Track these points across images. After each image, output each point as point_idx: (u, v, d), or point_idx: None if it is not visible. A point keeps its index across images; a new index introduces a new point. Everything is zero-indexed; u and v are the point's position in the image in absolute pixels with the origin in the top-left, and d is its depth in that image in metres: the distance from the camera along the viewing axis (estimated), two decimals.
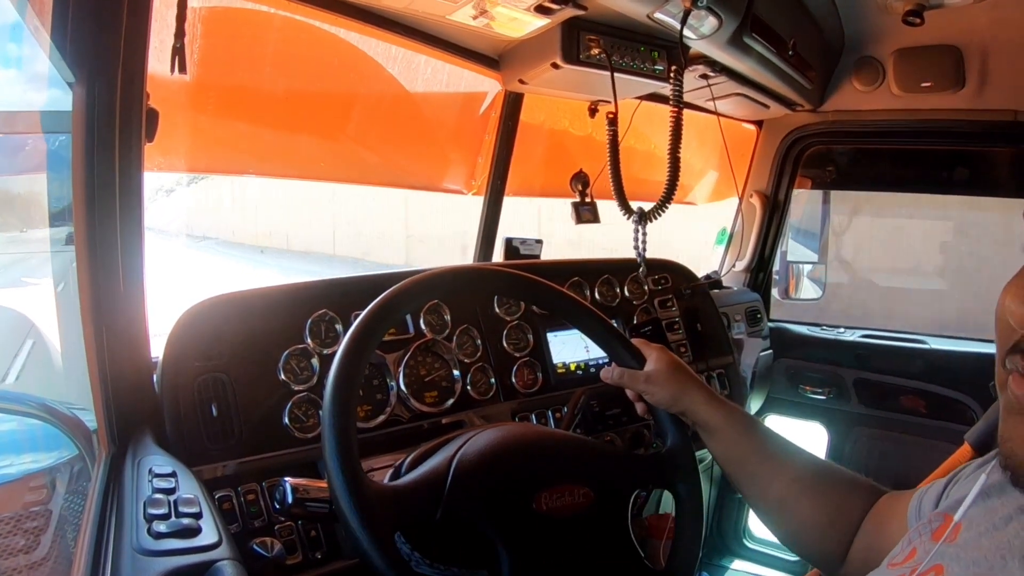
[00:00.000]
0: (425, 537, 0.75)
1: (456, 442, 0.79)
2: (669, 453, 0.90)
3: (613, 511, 0.83)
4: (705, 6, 1.04)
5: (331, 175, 1.54)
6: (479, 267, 1.40)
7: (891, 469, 1.92)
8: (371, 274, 1.19)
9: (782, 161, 2.02)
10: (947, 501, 0.65)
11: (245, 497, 0.90)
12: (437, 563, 0.76)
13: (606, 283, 1.44)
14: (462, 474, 0.74)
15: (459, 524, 0.73)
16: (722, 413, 0.89)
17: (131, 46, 0.77)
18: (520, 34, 1.22)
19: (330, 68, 1.31)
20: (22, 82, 1.03)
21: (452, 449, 0.78)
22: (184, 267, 4.62)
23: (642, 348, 0.93)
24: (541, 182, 1.81)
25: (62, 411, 0.87)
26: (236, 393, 0.96)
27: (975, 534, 0.55)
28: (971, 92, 1.62)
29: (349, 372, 0.72)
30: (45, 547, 0.83)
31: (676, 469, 0.89)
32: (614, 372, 0.90)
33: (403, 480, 0.73)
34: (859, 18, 1.59)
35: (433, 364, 1.15)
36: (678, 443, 0.90)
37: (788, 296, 2.16)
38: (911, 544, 0.61)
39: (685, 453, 0.90)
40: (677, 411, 0.90)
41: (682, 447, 0.90)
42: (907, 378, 1.89)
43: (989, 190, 2.04)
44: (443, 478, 0.73)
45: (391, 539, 0.69)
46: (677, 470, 0.89)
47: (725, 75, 1.47)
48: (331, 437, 0.68)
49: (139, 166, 0.82)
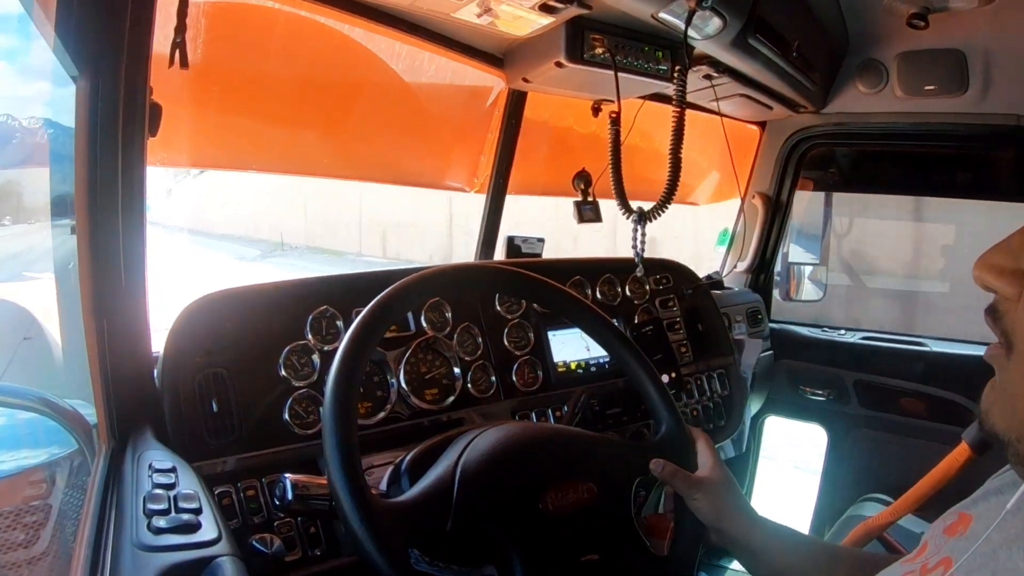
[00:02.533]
0: (434, 544, 0.75)
1: (456, 447, 0.79)
2: (665, 439, 0.91)
3: (617, 502, 0.84)
4: (710, 7, 1.04)
5: (333, 171, 1.54)
6: (480, 266, 1.40)
7: (890, 470, 1.92)
8: (373, 271, 1.19)
9: (784, 162, 2.01)
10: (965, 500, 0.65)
11: (245, 493, 0.90)
12: (446, 564, 0.76)
13: (607, 282, 1.44)
14: (468, 482, 0.74)
15: (470, 532, 0.73)
16: (760, 538, 0.88)
17: (135, 40, 0.77)
18: (524, 32, 1.22)
19: (334, 64, 1.31)
20: (25, 75, 1.04)
21: (454, 456, 0.77)
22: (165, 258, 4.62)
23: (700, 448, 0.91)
24: (544, 180, 1.80)
25: (62, 405, 0.87)
26: (236, 389, 0.96)
27: (984, 526, 0.55)
28: (974, 96, 1.62)
29: (350, 369, 0.72)
30: (45, 542, 0.83)
31: (672, 453, 0.90)
32: (666, 469, 0.87)
33: (411, 495, 0.72)
34: (863, 21, 1.59)
35: (434, 361, 1.15)
36: (673, 429, 0.91)
37: (789, 297, 2.16)
38: (923, 541, 0.61)
39: (680, 438, 0.91)
40: (716, 528, 0.88)
41: (677, 433, 0.91)
42: (907, 380, 1.89)
43: (991, 194, 2.04)
44: (450, 488, 0.73)
45: (406, 556, 0.69)
46: (673, 454, 0.90)
47: (728, 76, 1.47)
48: (332, 439, 0.68)
49: (142, 161, 0.82)
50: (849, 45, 1.70)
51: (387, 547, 0.65)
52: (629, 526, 0.84)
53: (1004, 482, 0.58)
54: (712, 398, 1.51)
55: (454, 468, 0.75)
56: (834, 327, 2.07)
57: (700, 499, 0.87)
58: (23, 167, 1.32)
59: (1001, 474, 0.61)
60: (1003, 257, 0.51)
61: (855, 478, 1.97)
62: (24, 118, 1.11)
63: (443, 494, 0.72)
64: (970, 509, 0.59)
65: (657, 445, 0.91)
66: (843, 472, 2.01)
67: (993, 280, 0.51)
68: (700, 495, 0.87)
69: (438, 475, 0.74)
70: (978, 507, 0.58)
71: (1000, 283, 0.51)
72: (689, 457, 0.91)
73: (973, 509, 0.59)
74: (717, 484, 0.88)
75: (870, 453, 1.97)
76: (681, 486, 0.88)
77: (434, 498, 0.72)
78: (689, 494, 0.88)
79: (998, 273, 0.51)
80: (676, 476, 0.87)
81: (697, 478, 0.88)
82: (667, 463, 0.87)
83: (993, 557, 0.51)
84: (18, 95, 1.08)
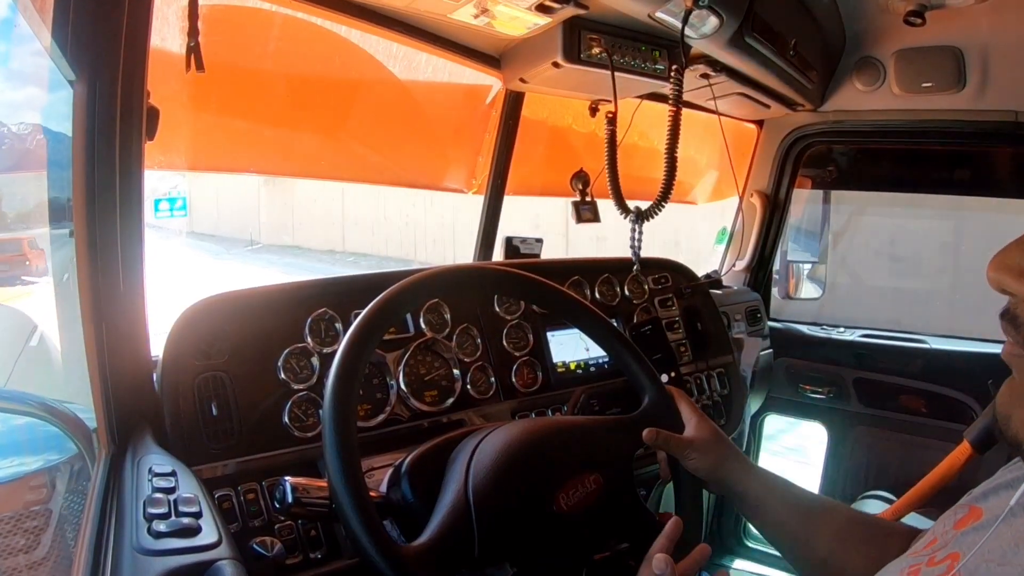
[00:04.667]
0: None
1: (460, 464, 0.78)
2: (651, 407, 0.94)
3: (622, 484, 0.86)
4: (706, 5, 1.04)
5: (331, 173, 1.54)
6: (478, 267, 1.40)
7: (891, 468, 1.93)
8: (371, 273, 1.19)
9: (782, 161, 2.02)
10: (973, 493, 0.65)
11: (245, 496, 0.90)
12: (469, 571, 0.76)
13: (606, 282, 1.44)
14: (483, 505, 0.73)
15: (496, 551, 0.73)
16: (759, 482, 0.90)
17: (132, 44, 0.77)
18: (521, 33, 1.22)
19: (331, 66, 1.31)
20: (22, 79, 1.03)
21: (460, 479, 0.76)
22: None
23: (682, 408, 0.94)
24: (543, 181, 1.80)
25: (62, 410, 0.86)
26: (236, 392, 0.96)
27: (992, 521, 0.54)
28: (972, 93, 1.62)
29: (349, 371, 0.72)
30: (45, 547, 0.83)
31: (660, 420, 0.92)
32: (658, 436, 0.90)
33: (431, 534, 0.71)
34: (860, 18, 1.59)
35: (433, 363, 1.15)
36: (656, 399, 0.94)
37: (788, 295, 2.16)
38: (933, 534, 0.61)
39: (665, 404, 0.94)
40: (714, 479, 0.91)
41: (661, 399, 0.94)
42: (907, 377, 1.90)
43: (989, 191, 2.04)
44: (467, 514, 0.73)
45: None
46: (661, 420, 0.92)
47: (726, 74, 1.47)
48: (332, 441, 0.68)
49: (139, 164, 0.81)
50: (846, 43, 1.70)
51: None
52: (638, 503, 0.86)
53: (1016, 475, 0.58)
54: (712, 397, 1.51)
55: (465, 492, 0.74)
56: (833, 325, 2.07)
57: (696, 457, 0.90)
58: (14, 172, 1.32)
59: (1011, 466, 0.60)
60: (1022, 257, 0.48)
61: (856, 476, 1.97)
62: (14, 123, 1.11)
63: (463, 523, 0.72)
64: (980, 503, 0.59)
65: (644, 415, 0.93)
66: (844, 470, 2.01)
67: (1013, 282, 0.48)
68: (695, 453, 0.90)
69: (451, 503, 0.73)
70: (988, 501, 0.58)
71: (1019, 285, 0.48)
72: (677, 420, 0.93)
73: (983, 503, 0.58)
74: (707, 439, 0.91)
75: (870, 451, 1.97)
76: (675, 449, 0.91)
77: (456, 530, 0.72)
78: (684, 455, 0.90)
79: (1018, 275, 0.48)
80: (669, 441, 0.90)
81: (688, 438, 0.91)
82: (659, 431, 0.90)
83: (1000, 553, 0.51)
84: (11, 100, 1.08)
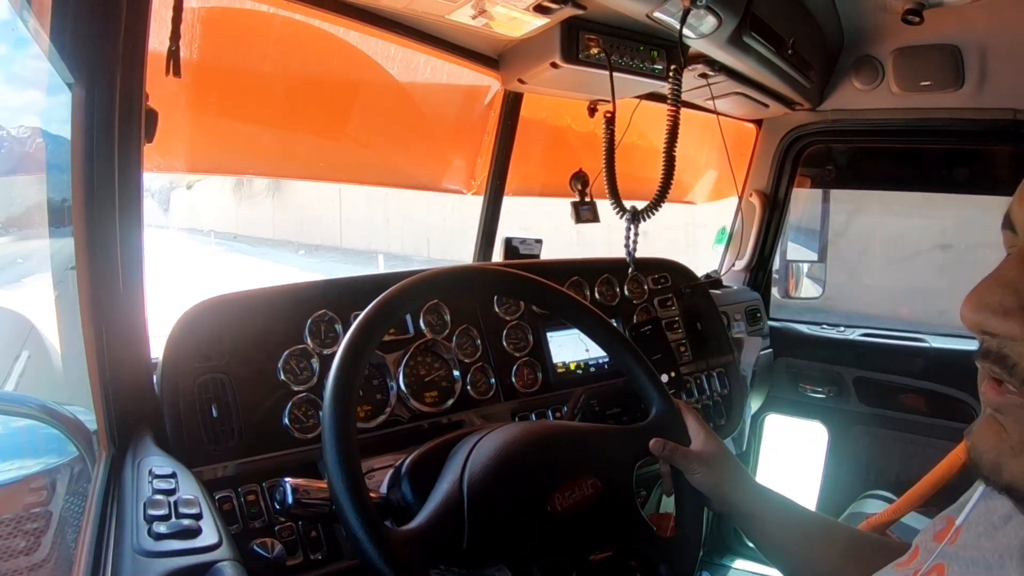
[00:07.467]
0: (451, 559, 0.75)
1: (457, 458, 0.78)
2: (658, 419, 0.93)
3: (621, 491, 0.85)
4: (704, 5, 1.04)
5: (330, 175, 1.54)
6: (478, 267, 1.40)
7: (891, 467, 1.93)
8: (371, 274, 1.19)
9: (782, 160, 2.02)
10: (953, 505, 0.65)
11: (245, 498, 0.90)
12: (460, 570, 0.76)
13: (606, 283, 1.44)
14: (477, 497, 0.74)
15: (486, 545, 0.73)
16: (761, 500, 0.90)
17: (130, 47, 0.77)
18: (519, 34, 1.22)
19: (330, 68, 1.31)
20: (21, 83, 1.03)
21: (457, 470, 0.76)
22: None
23: (689, 422, 0.94)
24: (542, 181, 1.80)
25: (62, 412, 0.86)
26: (236, 394, 0.96)
27: (975, 535, 0.55)
28: (970, 91, 1.62)
29: (349, 373, 0.72)
30: (46, 549, 0.83)
31: (666, 431, 0.91)
32: (665, 447, 0.90)
33: (423, 519, 0.71)
34: (858, 17, 1.59)
35: (433, 364, 1.15)
36: (664, 411, 0.93)
37: (788, 295, 2.16)
38: (915, 546, 0.61)
39: (672, 416, 0.93)
40: (718, 496, 0.90)
41: (669, 411, 0.93)
42: (907, 376, 1.90)
43: (988, 189, 2.04)
44: (459, 505, 0.73)
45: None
46: (668, 432, 0.91)
47: (724, 74, 1.47)
48: (332, 443, 0.68)
49: (138, 167, 0.82)
50: (844, 42, 1.70)
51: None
52: (635, 512, 0.85)
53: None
54: (712, 397, 1.51)
55: (460, 484, 0.74)
56: (833, 324, 2.07)
57: (701, 471, 0.89)
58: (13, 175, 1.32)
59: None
60: (1004, 294, 0.44)
61: (856, 475, 1.97)
62: (13, 127, 1.11)
63: (455, 514, 0.72)
64: (958, 515, 0.59)
65: (651, 426, 0.92)
66: (844, 469, 2.01)
67: (998, 323, 0.44)
68: (700, 467, 0.89)
69: (445, 493, 0.74)
70: (966, 514, 0.57)
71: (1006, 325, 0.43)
72: (683, 433, 0.93)
73: (962, 517, 0.58)
74: (714, 455, 0.90)
75: (871, 450, 1.97)
76: (681, 461, 0.90)
77: (447, 519, 0.72)
78: (689, 468, 0.90)
79: (1003, 314, 0.44)
80: (676, 453, 0.90)
81: (695, 452, 0.90)
82: (666, 442, 0.90)
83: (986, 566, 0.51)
84: (10, 104, 1.08)
